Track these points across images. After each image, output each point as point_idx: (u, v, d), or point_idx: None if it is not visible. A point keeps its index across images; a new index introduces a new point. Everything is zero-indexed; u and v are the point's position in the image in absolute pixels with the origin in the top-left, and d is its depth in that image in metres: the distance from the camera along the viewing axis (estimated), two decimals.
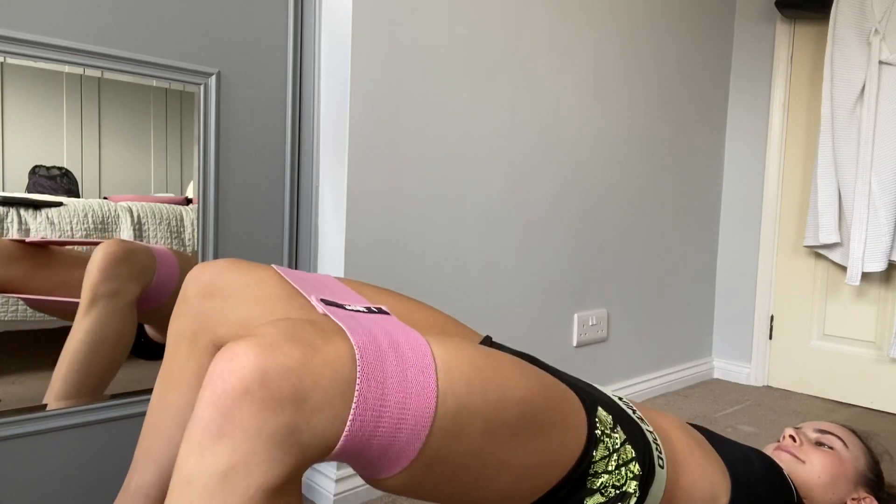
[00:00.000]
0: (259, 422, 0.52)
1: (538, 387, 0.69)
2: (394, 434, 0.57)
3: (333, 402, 0.55)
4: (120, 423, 1.19)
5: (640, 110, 2.01)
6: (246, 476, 0.52)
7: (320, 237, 1.37)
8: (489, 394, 0.63)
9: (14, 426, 1.08)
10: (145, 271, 1.16)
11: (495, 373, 0.65)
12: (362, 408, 0.56)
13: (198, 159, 1.24)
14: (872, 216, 1.98)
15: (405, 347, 0.61)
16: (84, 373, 1.12)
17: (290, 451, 0.53)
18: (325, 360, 0.55)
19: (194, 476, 0.52)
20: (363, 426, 0.56)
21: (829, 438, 1.08)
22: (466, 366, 0.63)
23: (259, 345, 0.54)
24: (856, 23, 1.99)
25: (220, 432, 0.52)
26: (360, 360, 0.57)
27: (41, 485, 1.11)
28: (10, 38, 1.03)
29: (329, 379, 0.55)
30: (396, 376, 0.58)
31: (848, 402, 2.17)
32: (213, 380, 0.53)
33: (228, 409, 0.52)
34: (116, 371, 1.16)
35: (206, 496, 0.52)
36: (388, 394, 0.57)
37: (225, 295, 0.87)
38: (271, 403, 0.52)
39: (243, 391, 0.52)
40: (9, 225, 1.06)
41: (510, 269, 1.65)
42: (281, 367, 0.53)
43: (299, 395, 0.53)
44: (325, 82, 1.35)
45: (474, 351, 0.66)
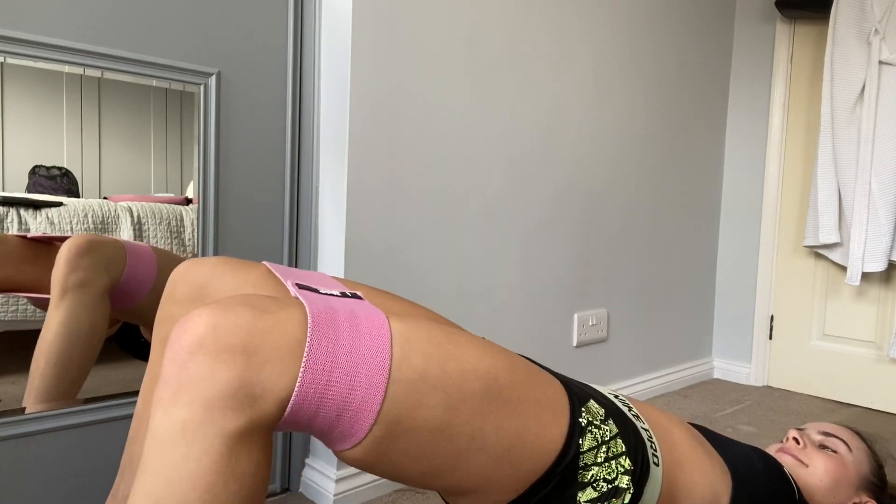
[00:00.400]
0: (211, 372, 0.56)
1: (504, 363, 0.70)
2: (346, 395, 0.60)
3: (283, 358, 0.58)
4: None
5: (640, 110, 2.01)
6: (205, 424, 0.55)
7: (320, 237, 1.37)
8: (448, 366, 0.65)
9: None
10: (113, 262, 1.16)
11: (455, 347, 0.67)
12: (312, 365, 0.59)
13: (198, 159, 1.24)
14: (872, 216, 1.98)
15: (362, 319, 0.64)
16: (61, 366, 1.12)
17: (244, 401, 0.56)
18: (274, 320, 0.59)
19: (158, 430, 0.56)
20: (314, 383, 0.58)
21: (834, 442, 1.07)
22: (424, 339, 0.65)
23: (213, 306, 0.59)
24: (856, 23, 1.99)
25: (178, 385, 0.56)
26: (311, 324, 0.60)
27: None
28: (10, 38, 1.03)
29: (279, 336, 0.59)
30: (348, 341, 0.61)
31: (848, 402, 2.17)
32: (172, 339, 0.58)
33: (184, 362, 0.56)
34: (92, 364, 1.16)
35: (170, 445, 0.55)
36: (339, 356, 0.60)
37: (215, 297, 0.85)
38: (222, 355, 0.56)
39: (197, 345, 0.56)
40: (9, 225, 1.06)
41: (510, 269, 1.65)
42: (231, 324, 0.57)
43: (248, 348, 0.57)
44: (325, 82, 1.35)
45: (436, 327, 0.68)
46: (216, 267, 0.87)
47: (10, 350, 1.08)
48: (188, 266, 0.88)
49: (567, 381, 0.81)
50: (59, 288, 1.11)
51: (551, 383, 0.75)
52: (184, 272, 0.88)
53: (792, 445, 1.07)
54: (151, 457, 0.56)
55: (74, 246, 1.12)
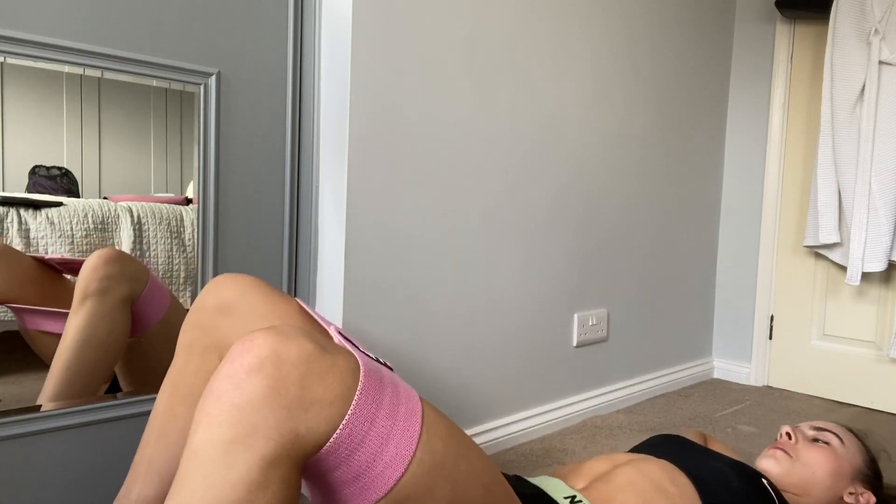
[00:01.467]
0: (265, 398, 0.55)
1: (500, 481, 0.73)
2: (373, 459, 0.60)
3: (333, 403, 0.58)
4: (116, 423, 1.19)
5: (640, 110, 2.01)
6: (247, 448, 0.55)
7: (320, 237, 1.37)
8: (461, 465, 0.66)
9: (9, 427, 1.08)
10: (136, 277, 1.17)
11: (470, 452, 0.69)
12: (355, 417, 0.59)
13: (198, 159, 1.24)
14: (872, 216, 1.98)
15: (401, 389, 0.65)
16: (74, 371, 1.12)
17: (287, 435, 0.56)
18: (333, 362, 0.59)
19: (202, 445, 0.55)
20: (351, 437, 0.58)
21: (826, 435, 1.09)
22: (448, 433, 0.67)
23: (277, 332, 0.59)
24: (856, 23, 1.99)
25: (230, 403, 0.56)
26: (363, 376, 0.61)
27: (36, 486, 1.11)
28: (10, 38, 1.03)
29: (333, 380, 0.58)
30: (389, 407, 0.61)
31: (848, 402, 2.17)
32: (231, 356, 0.58)
33: (241, 381, 0.56)
34: (109, 370, 1.16)
35: (211, 465, 0.55)
36: (380, 416, 0.60)
37: (244, 315, 0.86)
38: (280, 383, 0.56)
39: (257, 367, 0.56)
40: (9, 225, 1.06)
41: (510, 268, 1.65)
42: (294, 354, 0.57)
43: (305, 383, 0.57)
44: (325, 82, 1.35)
45: (456, 426, 0.70)
46: (250, 287, 0.88)
47: (11, 350, 1.08)
48: (223, 278, 0.89)
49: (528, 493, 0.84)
50: (81, 293, 1.11)
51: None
52: (218, 284, 0.89)
53: (784, 440, 1.10)
54: (190, 473, 0.55)
55: (103, 255, 1.13)
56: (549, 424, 1.76)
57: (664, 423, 1.87)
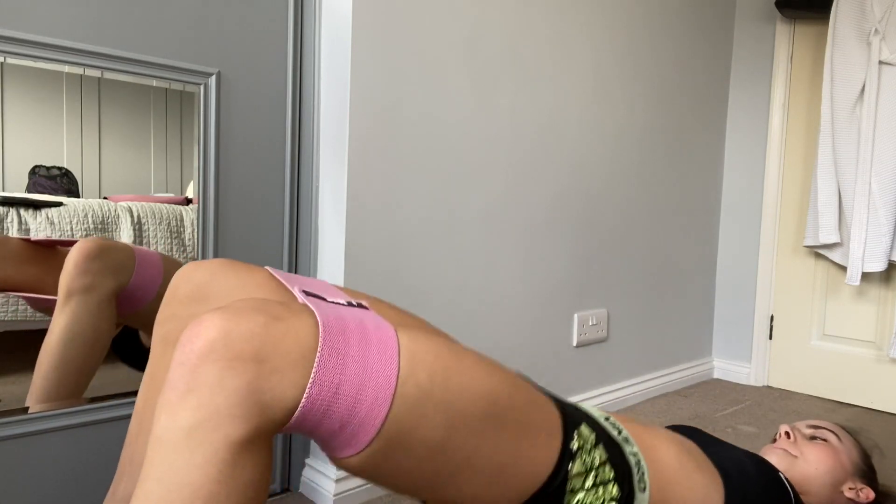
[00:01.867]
0: (222, 379, 0.56)
1: (504, 385, 0.71)
2: (352, 407, 0.60)
3: (294, 367, 0.58)
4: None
5: (640, 110, 2.01)
6: (210, 431, 0.55)
7: (320, 237, 1.37)
8: (452, 385, 0.65)
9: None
10: (122, 268, 1.16)
11: (460, 365, 0.67)
12: (321, 376, 0.59)
13: (198, 159, 1.24)
14: (872, 216, 1.98)
15: (371, 330, 0.64)
16: (62, 370, 1.11)
17: (252, 409, 0.56)
18: (287, 327, 0.59)
19: (164, 434, 0.56)
20: (321, 393, 0.59)
21: (822, 432, 1.11)
22: (431, 356, 0.65)
23: (225, 311, 0.59)
24: (856, 23, 1.99)
25: (186, 389, 0.56)
26: (322, 333, 0.60)
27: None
28: (10, 38, 1.03)
29: (290, 344, 0.58)
30: (357, 353, 0.61)
31: (848, 402, 2.17)
32: (182, 342, 0.58)
33: (195, 366, 0.56)
34: (96, 367, 1.16)
35: (174, 451, 0.55)
36: (349, 367, 0.60)
37: (216, 299, 0.86)
38: (233, 362, 0.56)
39: (208, 350, 0.56)
40: (9, 225, 1.06)
41: (510, 268, 1.65)
42: (244, 330, 0.57)
43: (260, 356, 0.57)
44: (325, 82, 1.35)
45: (443, 344, 0.68)
46: (218, 268, 0.87)
47: (10, 350, 1.08)
48: (190, 267, 0.88)
49: (561, 402, 0.82)
50: (66, 291, 1.11)
51: (546, 405, 0.75)
52: (186, 273, 0.88)
53: (783, 439, 1.11)
54: (155, 462, 0.56)
55: (85, 249, 1.12)
56: None
57: (664, 423, 1.86)
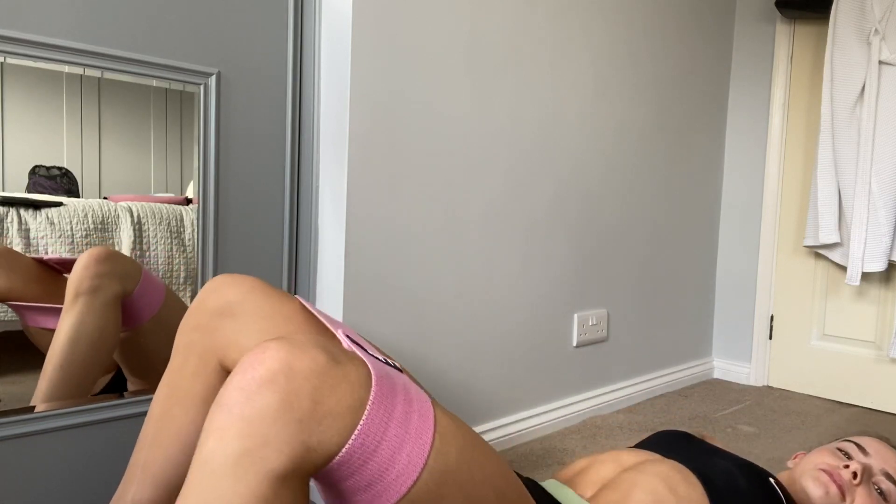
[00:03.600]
0: (277, 411, 0.55)
1: (511, 481, 0.72)
2: (385, 468, 0.60)
3: (344, 414, 0.58)
4: (112, 424, 1.18)
5: (640, 110, 2.01)
6: (256, 461, 0.55)
7: (320, 237, 1.37)
8: (475, 471, 0.66)
9: (5, 427, 1.08)
10: (128, 275, 1.17)
11: (483, 456, 0.68)
12: (367, 428, 0.59)
13: (198, 159, 1.24)
14: (872, 216, 1.98)
15: (414, 397, 0.64)
16: (68, 370, 1.12)
17: (299, 448, 0.56)
18: (345, 373, 0.59)
19: (211, 457, 0.55)
20: (363, 447, 0.58)
21: (890, 487, 0.99)
22: (461, 437, 0.66)
23: (290, 343, 0.59)
24: (856, 23, 1.99)
25: (241, 415, 0.56)
26: (375, 386, 0.60)
27: (33, 487, 1.11)
28: (10, 38, 1.03)
29: (345, 391, 0.58)
30: (401, 415, 0.61)
31: (848, 402, 2.17)
32: (243, 367, 0.58)
33: (253, 393, 0.56)
34: (101, 369, 1.16)
35: (220, 476, 0.55)
36: (392, 425, 0.60)
37: (246, 318, 0.85)
38: (291, 396, 0.56)
39: (270, 380, 0.56)
40: (9, 225, 1.06)
41: (510, 269, 1.65)
42: (306, 367, 0.57)
43: (317, 396, 0.57)
44: (325, 82, 1.35)
45: (469, 431, 0.69)
46: (251, 288, 0.87)
47: (11, 350, 1.08)
48: (224, 280, 0.88)
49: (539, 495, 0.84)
50: (73, 292, 1.11)
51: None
52: (219, 285, 0.87)
53: (847, 479, 0.98)
54: (199, 485, 0.55)
55: (93, 254, 1.13)
56: (549, 424, 1.76)
57: (664, 423, 1.86)
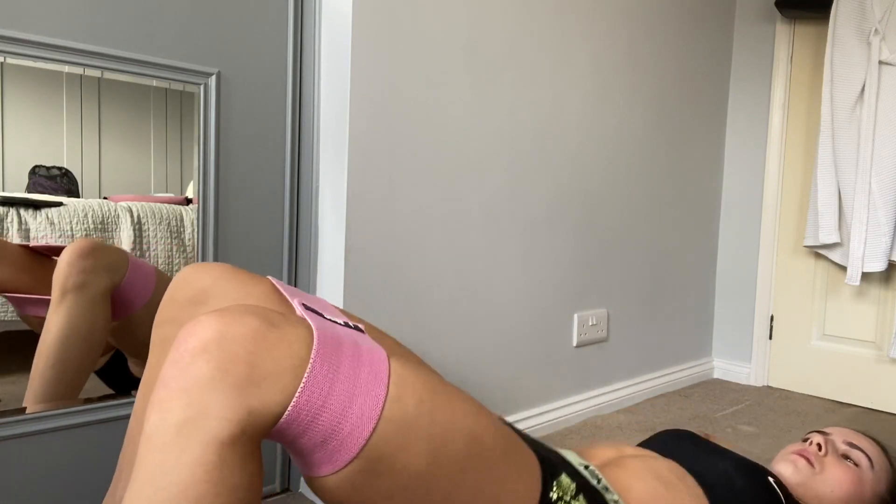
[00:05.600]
0: (213, 379, 0.56)
1: (489, 427, 0.71)
2: (337, 423, 0.60)
3: (284, 374, 0.58)
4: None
5: (640, 110, 2.01)
6: (199, 429, 0.55)
7: (320, 237, 1.37)
8: (437, 417, 0.65)
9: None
10: (114, 267, 1.16)
11: (447, 400, 0.67)
12: (311, 387, 0.59)
13: (198, 159, 1.24)
14: (872, 216, 1.98)
15: (365, 353, 0.64)
16: (60, 368, 1.12)
17: (241, 411, 0.56)
18: (281, 334, 0.60)
19: (154, 431, 0.56)
20: (309, 404, 0.59)
21: (857, 455, 1.04)
22: (420, 385, 0.66)
23: (222, 313, 0.59)
24: (856, 23, 1.99)
25: (177, 387, 0.56)
26: (316, 345, 0.61)
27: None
28: (10, 38, 1.03)
29: (283, 352, 0.59)
30: (349, 369, 0.62)
31: (848, 402, 2.17)
32: (177, 342, 0.58)
33: (187, 364, 0.57)
34: (93, 366, 1.16)
35: (164, 449, 0.55)
36: (338, 382, 0.60)
37: (216, 304, 0.85)
38: (225, 363, 0.56)
39: (202, 349, 0.57)
40: (9, 225, 1.06)
41: (510, 269, 1.65)
42: (237, 333, 0.58)
43: (252, 360, 0.57)
44: (325, 82, 1.35)
45: (433, 377, 0.68)
46: (221, 274, 0.87)
47: (10, 350, 1.08)
48: (193, 269, 0.88)
49: (541, 451, 0.82)
50: (60, 289, 1.11)
51: (527, 455, 0.76)
52: (187, 275, 0.87)
53: (813, 450, 1.04)
54: (145, 460, 0.56)
55: (77, 248, 1.12)
56: (549, 424, 1.76)
57: (664, 423, 1.86)
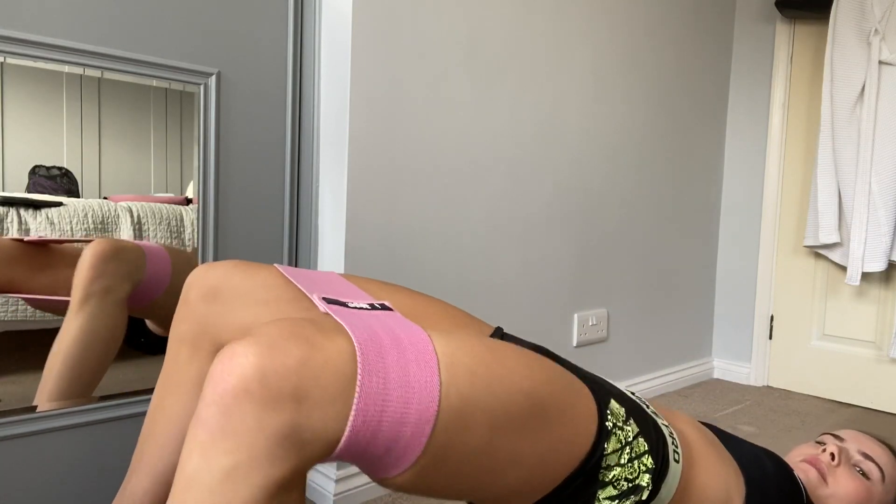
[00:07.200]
0: (259, 420, 0.52)
1: (544, 378, 0.69)
2: (397, 431, 0.57)
3: (334, 400, 0.55)
4: (116, 423, 1.19)
5: (640, 110, 2.01)
6: (248, 475, 0.52)
7: (320, 237, 1.37)
8: (494, 387, 0.63)
9: (8, 427, 1.08)
10: (135, 269, 1.17)
11: (499, 366, 0.65)
12: (364, 405, 0.56)
13: (198, 159, 1.24)
14: (872, 216, 1.98)
15: (407, 343, 0.61)
16: (77, 370, 1.12)
17: (292, 449, 0.53)
18: (325, 358, 0.55)
19: (197, 475, 0.52)
20: (366, 423, 0.56)
21: (870, 466, 1.02)
22: (469, 359, 0.63)
23: (259, 343, 0.54)
24: (856, 23, 1.99)
25: (221, 431, 0.52)
26: (360, 357, 0.57)
27: (38, 486, 1.11)
28: (10, 38, 1.03)
29: (330, 377, 0.55)
30: (398, 372, 0.58)
31: (848, 402, 2.17)
32: (214, 379, 0.54)
33: (229, 407, 0.52)
34: (106, 369, 1.17)
35: (209, 495, 0.52)
36: (391, 390, 0.57)
37: (228, 298, 0.87)
38: (271, 402, 0.52)
39: (243, 390, 0.52)
40: (9, 225, 1.06)
41: (510, 268, 1.65)
42: (280, 366, 0.53)
43: (299, 394, 0.53)
44: (325, 82, 1.35)
45: (478, 344, 0.66)
46: (228, 268, 0.89)
47: (10, 350, 1.08)
48: (203, 269, 0.90)
49: (589, 379, 0.81)
50: (83, 293, 1.11)
51: (581, 389, 0.74)
52: (199, 275, 0.89)
53: (826, 460, 1.02)
54: (187, 502, 0.53)
55: (100, 251, 1.12)
56: None
57: None
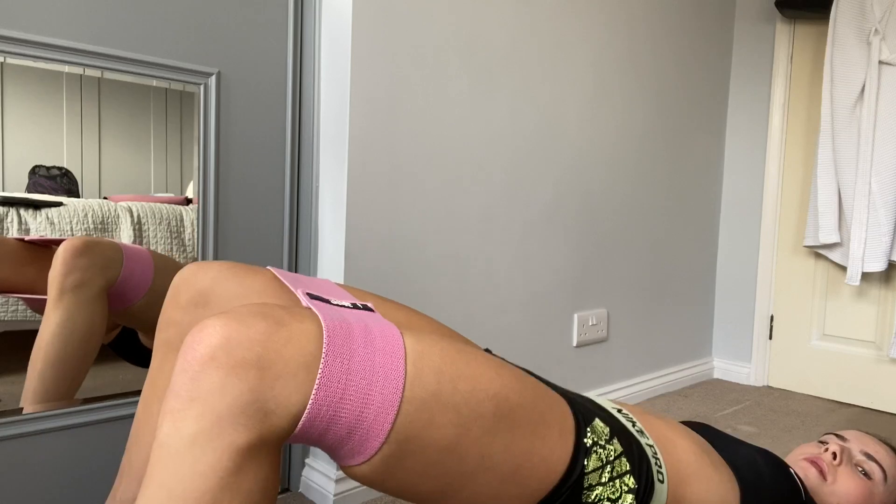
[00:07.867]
0: (224, 386, 0.55)
1: (514, 384, 0.70)
2: (359, 413, 0.59)
3: (297, 373, 0.57)
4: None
5: (640, 110, 2.01)
6: (214, 438, 0.55)
7: (320, 237, 1.37)
8: (460, 385, 0.65)
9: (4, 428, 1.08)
10: (110, 263, 1.16)
11: (467, 366, 0.66)
12: (327, 380, 0.58)
13: (198, 159, 1.24)
14: (872, 216, 1.98)
15: (377, 334, 0.63)
16: (59, 367, 1.12)
17: (255, 416, 0.56)
18: (289, 333, 0.59)
19: (168, 440, 0.55)
20: (327, 400, 0.58)
21: (872, 466, 1.02)
22: (438, 357, 0.65)
23: (226, 317, 0.58)
24: (856, 23, 1.99)
25: (188, 397, 0.55)
26: (326, 338, 0.60)
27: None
28: (10, 38, 1.03)
29: (293, 351, 0.58)
30: (363, 357, 0.61)
31: (848, 402, 2.17)
32: (184, 350, 0.57)
33: (196, 374, 0.56)
34: (90, 364, 1.16)
35: (178, 458, 0.55)
36: (354, 372, 0.59)
37: (218, 305, 0.85)
38: (235, 369, 0.55)
39: (209, 357, 0.56)
40: (9, 225, 1.06)
41: (510, 269, 1.65)
42: (244, 337, 0.57)
43: (262, 363, 0.56)
44: (325, 82, 1.35)
45: (449, 345, 0.67)
46: (220, 272, 0.85)
47: (10, 350, 1.08)
48: (192, 270, 0.86)
49: (572, 398, 0.81)
50: (57, 289, 1.11)
51: (558, 403, 0.75)
52: (188, 276, 0.86)
53: (827, 459, 1.02)
54: (158, 468, 0.55)
55: (71, 247, 1.12)
56: None
57: None
